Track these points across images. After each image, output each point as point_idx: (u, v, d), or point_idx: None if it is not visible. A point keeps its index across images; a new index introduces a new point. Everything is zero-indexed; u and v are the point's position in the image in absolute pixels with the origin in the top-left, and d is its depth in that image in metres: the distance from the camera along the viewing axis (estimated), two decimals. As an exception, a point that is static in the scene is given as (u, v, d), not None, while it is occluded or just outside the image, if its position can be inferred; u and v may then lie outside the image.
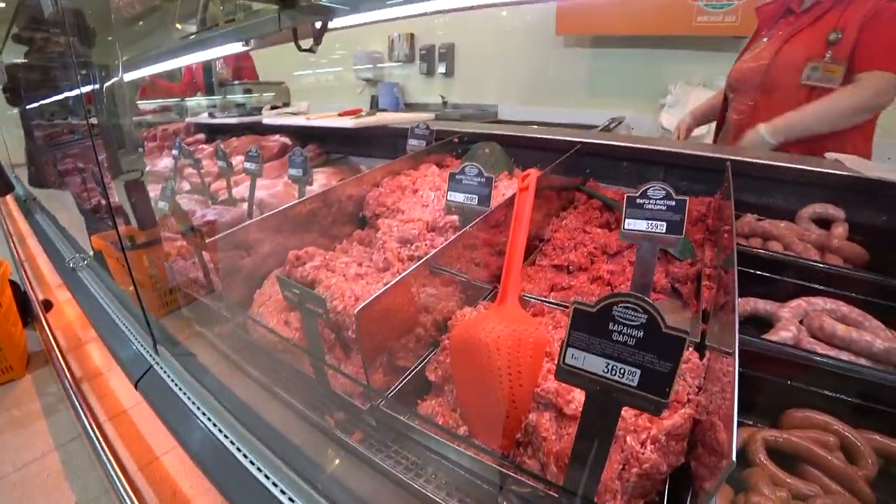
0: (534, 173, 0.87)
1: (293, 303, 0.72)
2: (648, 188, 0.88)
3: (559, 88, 4.07)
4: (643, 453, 0.56)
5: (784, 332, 0.92)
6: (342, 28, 1.03)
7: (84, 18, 0.92)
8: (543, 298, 0.98)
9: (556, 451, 0.55)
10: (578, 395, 0.60)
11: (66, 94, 2.87)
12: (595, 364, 0.46)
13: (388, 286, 0.69)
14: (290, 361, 0.85)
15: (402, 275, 0.74)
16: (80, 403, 1.96)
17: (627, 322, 0.44)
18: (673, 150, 1.53)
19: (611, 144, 1.59)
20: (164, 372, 1.12)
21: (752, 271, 1.12)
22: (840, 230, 1.18)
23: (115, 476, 1.46)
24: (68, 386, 2.10)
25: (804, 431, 0.72)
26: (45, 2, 0.90)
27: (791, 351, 0.83)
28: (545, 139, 1.67)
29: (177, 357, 1.11)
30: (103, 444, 1.68)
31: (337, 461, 0.76)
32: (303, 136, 2.46)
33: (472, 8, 0.89)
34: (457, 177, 1.02)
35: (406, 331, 0.80)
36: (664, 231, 0.88)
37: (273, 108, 2.81)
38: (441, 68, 4.75)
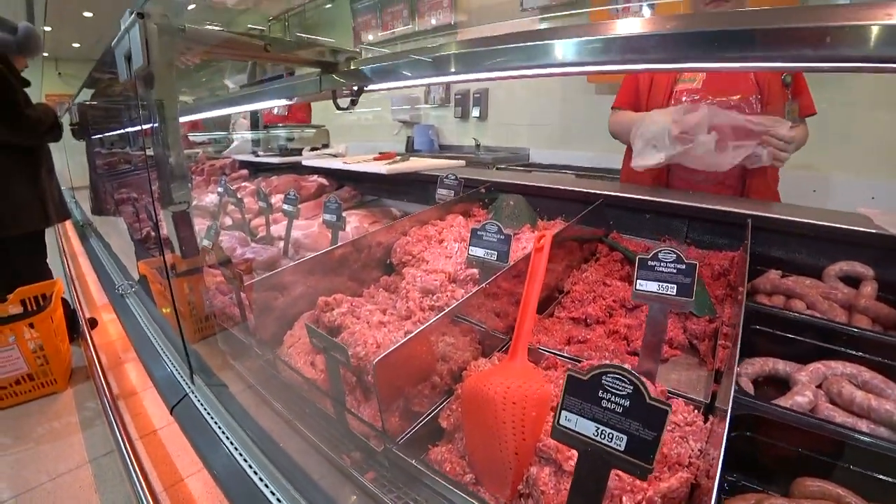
0: (549, 235, 0.92)
1: (319, 348, 0.78)
2: (660, 251, 0.92)
3: (589, 133, 4.15)
4: (637, 513, 0.58)
5: (799, 397, 0.92)
6: (377, 90, 1.14)
7: (152, 74, 1.05)
8: (557, 352, 1.01)
9: (554, 506, 0.59)
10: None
11: (126, 129, 3.12)
12: (586, 427, 0.50)
13: (406, 339, 0.75)
14: (314, 400, 0.91)
15: (420, 327, 0.80)
16: (115, 420, 2.06)
17: (615, 391, 0.48)
18: (695, 204, 1.56)
19: (634, 198, 1.63)
20: (198, 400, 1.20)
21: (771, 331, 1.11)
22: (868, 289, 1.14)
23: (142, 494, 1.53)
24: (106, 403, 2.21)
25: (815, 502, 0.71)
26: (122, 69, 1.03)
27: (801, 418, 0.82)
28: (569, 191, 1.73)
29: (210, 387, 1.19)
30: (134, 462, 1.76)
31: (352, 497, 0.81)
32: (339, 177, 2.60)
33: (487, 80, 0.97)
34: (478, 232, 1.09)
35: (423, 379, 0.86)
36: (674, 294, 0.91)
37: (313, 149, 2.98)
38: (475, 112, 4.92)
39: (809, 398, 0.90)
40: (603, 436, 0.49)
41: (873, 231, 1.28)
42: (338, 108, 1.21)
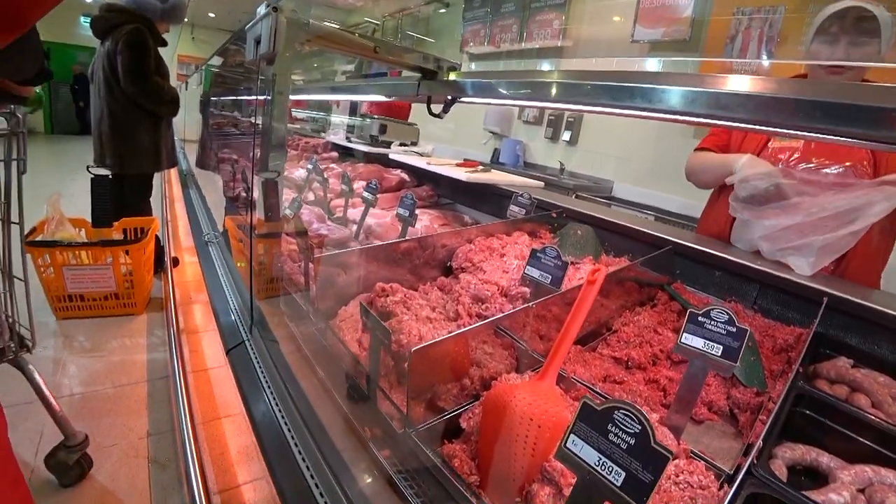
0: (603, 271, 0.94)
1: (367, 327, 0.85)
2: (713, 309, 0.91)
3: (679, 177, 3.99)
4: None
5: (834, 496, 0.86)
6: (470, 103, 1.20)
7: (275, 58, 1.18)
8: (590, 385, 1.02)
9: (545, 524, 0.62)
10: (580, 482, 0.65)
11: (240, 97, 3.43)
12: (590, 455, 0.53)
13: (447, 336, 0.80)
14: (352, 373, 0.99)
15: (463, 329, 0.85)
16: (176, 352, 2.28)
17: (624, 428, 0.50)
18: (770, 270, 1.49)
19: (705, 251, 1.59)
20: (252, 349, 1.32)
21: (823, 420, 1.05)
22: None
23: (184, 420, 1.71)
24: (172, 334, 2.45)
25: None
26: (250, 49, 1.17)
27: None
28: (640, 231, 1.71)
29: (264, 341, 1.31)
30: (183, 392, 1.96)
31: (364, 466, 0.87)
32: (421, 175, 2.71)
33: (576, 111, 1.00)
34: (538, 254, 1.12)
35: (454, 379, 0.91)
36: (719, 354, 0.90)
37: (402, 144, 3.12)
38: (565, 136, 4.90)
39: (846, 500, 0.85)
40: (604, 467, 0.52)
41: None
42: (431, 113, 1.29)
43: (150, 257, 3.29)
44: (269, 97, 1.34)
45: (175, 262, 3.68)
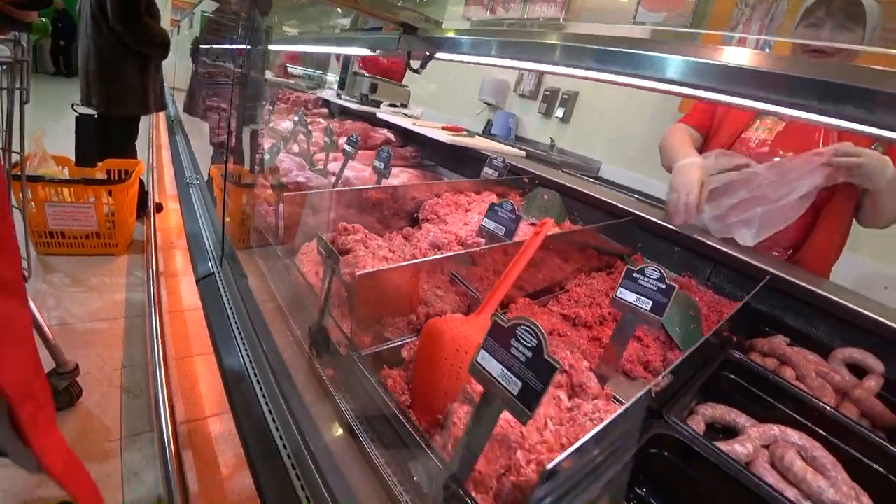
0: (549, 224, 1.00)
1: (322, 256, 0.91)
2: (647, 267, 0.98)
3: (663, 162, 4.07)
4: (522, 469, 0.67)
5: (739, 447, 0.92)
6: (446, 60, 1.23)
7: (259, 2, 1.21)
8: (533, 335, 1.09)
9: (457, 437, 0.69)
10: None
11: (232, 45, 3.39)
12: (495, 368, 0.60)
13: (393, 266, 0.87)
14: (308, 303, 1.05)
15: (410, 262, 0.91)
16: (154, 293, 2.33)
17: (523, 342, 0.57)
18: (723, 248, 1.55)
19: (664, 226, 1.65)
20: (221, 281, 1.38)
21: (746, 385, 1.13)
22: (871, 384, 1.10)
23: (157, 353, 1.78)
24: (151, 276, 2.50)
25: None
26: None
27: (729, 462, 0.83)
28: (603, 201, 1.77)
29: (234, 274, 1.36)
30: (158, 330, 2.02)
31: (311, 387, 0.94)
32: (406, 136, 2.73)
33: (552, 73, 1.03)
34: (495, 207, 1.18)
35: (401, 313, 0.97)
36: (648, 308, 0.97)
37: (391, 105, 3.13)
38: (559, 112, 4.90)
39: (749, 451, 0.90)
40: (505, 378, 0.58)
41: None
42: (410, 68, 1.33)
43: (134, 199, 3.29)
44: (256, 47, 1.37)
45: (159, 207, 3.68)
